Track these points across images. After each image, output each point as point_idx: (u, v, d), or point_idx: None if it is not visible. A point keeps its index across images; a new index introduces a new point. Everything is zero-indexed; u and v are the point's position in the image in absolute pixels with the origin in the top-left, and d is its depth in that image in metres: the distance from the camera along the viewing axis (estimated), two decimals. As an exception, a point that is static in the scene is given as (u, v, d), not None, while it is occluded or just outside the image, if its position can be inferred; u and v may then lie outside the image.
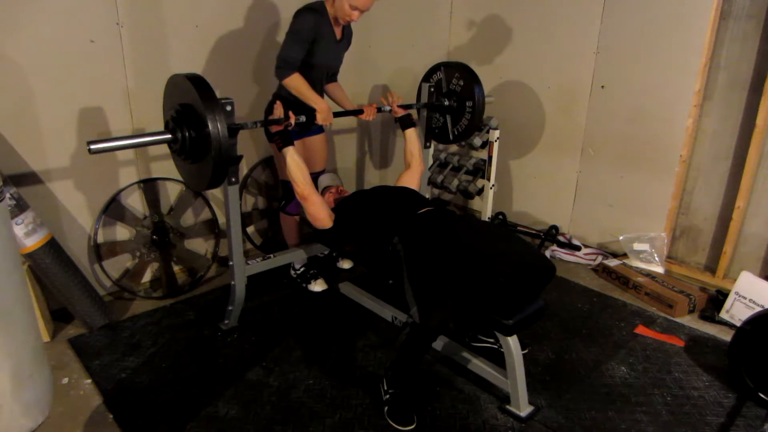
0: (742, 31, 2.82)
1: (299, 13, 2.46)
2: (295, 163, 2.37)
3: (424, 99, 3.03)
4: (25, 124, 2.42)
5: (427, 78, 3.07)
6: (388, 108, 2.84)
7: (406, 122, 2.82)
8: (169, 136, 2.01)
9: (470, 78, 2.87)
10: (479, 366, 2.26)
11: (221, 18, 2.91)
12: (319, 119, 2.50)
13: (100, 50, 2.54)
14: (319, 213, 2.38)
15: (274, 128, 2.35)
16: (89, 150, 1.82)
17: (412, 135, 2.80)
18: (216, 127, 1.88)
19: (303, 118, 2.44)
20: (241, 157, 2.25)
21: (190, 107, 1.98)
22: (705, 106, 3.02)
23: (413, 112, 3.03)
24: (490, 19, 3.79)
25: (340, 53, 2.72)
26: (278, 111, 2.35)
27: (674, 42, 2.97)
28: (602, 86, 3.33)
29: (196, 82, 1.94)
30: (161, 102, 2.79)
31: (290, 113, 2.35)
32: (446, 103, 2.99)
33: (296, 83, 2.47)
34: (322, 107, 2.50)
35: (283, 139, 2.37)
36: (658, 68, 3.06)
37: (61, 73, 2.46)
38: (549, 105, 3.61)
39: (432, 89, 3.02)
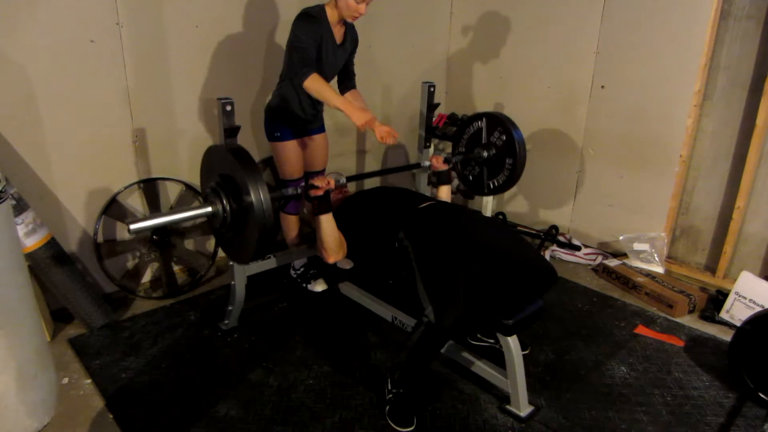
0: (742, 31, 2.83)
1: (300, 19, 2.43)
2: (330, 230, 2.18)
3: (424, 100, 3.02)
4: (25, 123, 2.42)
5: (466, 124, 2.89)
6: (427, 164, 2.68)
7: (444, 179, 2.65)
8: (210, 209, 1.92)
9: (513, 134, 2.67)
10: (479, 366, 2.26)
11: (221, 18, 2.91)
12: (359, 122, 2.34)
13: (100, 50, 2.54)
14: (340, 259, 2.30)
15: (314, 193, 2.15)
16: (129, 230, 1.76)
17: (446, 192, 2.65)
18: (259, 196, 1.80)
19: (344, 180, 2.30)
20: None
21: (229, 178, 1.90)
22: (705, 106, 3.02)
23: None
24: (490, 19, 3.79)
25: (342, 57, 2.69)
26: (319, 180, 2.17)
27: (674, 42, 2.97)
28: (602, 86, 3.33)
29: (236, 152, 1.87)
30: (161, 101, 2.81)
31: (328, 179, 2.18)
32: (485, 155, 2.78)
33: (318, 84, 2.35)
34: (352, 110, 2.35)
35: (321, 205, 2.15)
36: (658, 68, 3.06)
37: (61, 73, 2.46)
38: (549, 105, 3.61)
39: (463, 145, 2.88)
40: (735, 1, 2.81)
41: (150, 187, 2.85)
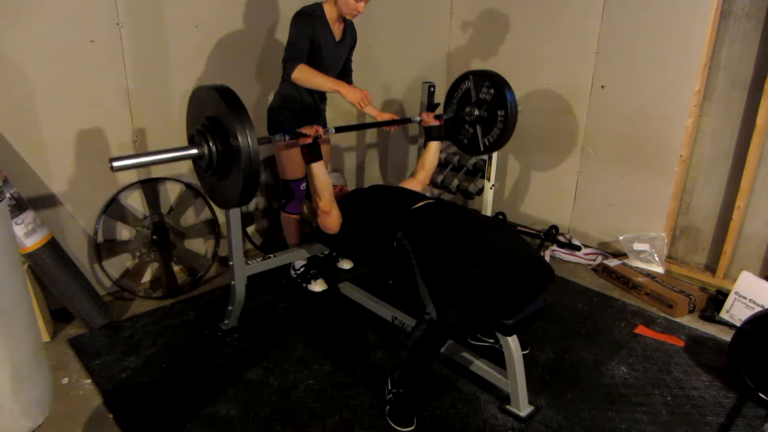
0: (742, 31, 2.82)
1: (295, 17, 2.47)
2: (322, 177, 2.29)
3: (424, 99, 3.03)
4: (25, 124, 2.42)
5: (454, 87, 2.94)
6: (418, 119, 2.75)
7: (434, 134, 2.70)
8: (195, 151, 1.92)
9: (501, 86, 2.74)
10: (479, 366, 2.26)
11: (221, 18, 2.91)
12: (355, 101, 2.40)
13: (100, 50, 2.54)
14: (334, 223, 2.36)
15: (303, 141, 2.26)
16: (111, 167, 1.75)
17: (435, 148, 2.71)
18: (246, 139, 1.79)
19: (333, 130, 2.37)
20: None
21: (216, 120, 1.88)
22: (705, 106, 3.02)
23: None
24: (490, 19, 3.79)
25: (342, 54, 2.70)
26: (307, 128, 2.28)
27: (674, 42, 2.97)
28: (602, 86, 3.33)
29: (224, 93, 1.86)
30: (161, 101, 2.81)
31: (316, 127, 2.27)
32: (476, 113, 2.86)
33: (305, 73, 2.41)
34: (345, 88, 2.41)
35: (311, 153, 2.27)
36: (658, 68, 3.06)
37: (61, 73, 2.46)
38: (549, 105, 3.61)
39: (453, 103, 2.91)
40: (735, 1, 2.81)
41: (150, 187, 2.85)
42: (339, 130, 2.43)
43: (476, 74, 2.84)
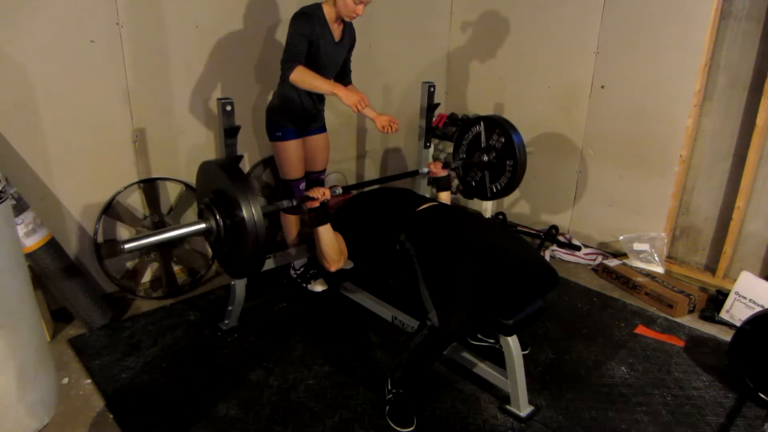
0: (742, 31, 2.83)
1: (294, 18, 2.46)
2: (329, 240, 2.18)
3: (424, 100, 3.02)
4: (25, 123, 2.42)
5: (465, 129, 2.88)
6: (426, 170, 2.67)
7: (443, 185, 2.63)
8: (204, 226, 1.93)
9: (511, 135, 2.66)
10: (479, 366, 2.26)
11: (221, 18, 2.91)
12: (352, 103, 2.35)
13: (100, 50, 2.54)
14: (342, 266, 2.30)
15: (310, 204, 2.15)
16: (123, 249, 1.74)
17: (445, 198, 2.63)
18: (251, 215, 1.80)
19: (340, 191, 2.30)
20: (241, 156, 2.24)
21: (222, 194, 1.90)
22: (705, 106, 3.02)
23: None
24: (490, 19, 3.79)
25: (340, 54, 2.70)
26: (315, 191, 2.17)
27: (674, 42, 2.97)
28: (602, 86, 3.33)
29: (228, 169, 1.88)
30: (162, 101, 2.81)
31: (324, 189, 2.17)
32: (485, 158, 2.77)
33: (303, 75, 2.39)
34: (343, 91, 2.37)
35: (318, 216, 2.14)
36: (658, 68, 3.06)
37: (61, 73, 2.46)
38: (549, 105, 3.61)
39: (463, 147, 2.88)
40: (735, 1, 2.81)
41: (150, 187, 2.85)
42: (347, 189, 2.38)
43: (487, 120, 2.77)
